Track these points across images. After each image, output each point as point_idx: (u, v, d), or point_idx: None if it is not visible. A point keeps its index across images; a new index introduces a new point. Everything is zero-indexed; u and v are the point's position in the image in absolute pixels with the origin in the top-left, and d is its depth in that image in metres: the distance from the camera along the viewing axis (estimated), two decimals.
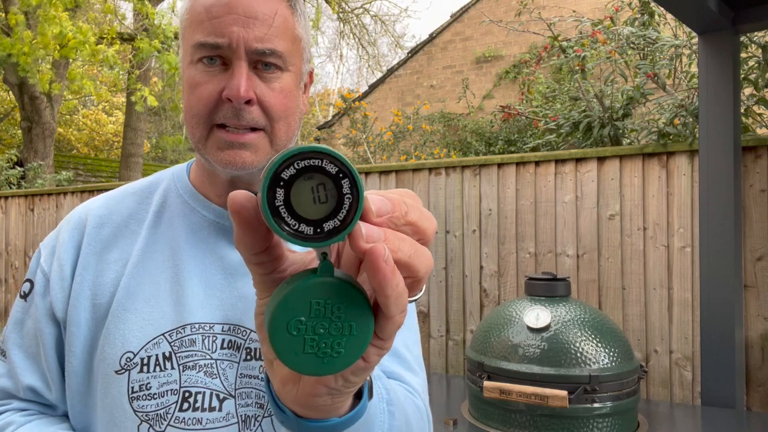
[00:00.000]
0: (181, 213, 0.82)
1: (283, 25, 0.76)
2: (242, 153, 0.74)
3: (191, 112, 0.76)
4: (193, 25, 0.75)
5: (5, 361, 0.82)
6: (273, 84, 0.76)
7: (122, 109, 15.24)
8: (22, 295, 0.83)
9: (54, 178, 7.28)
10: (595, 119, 3.57)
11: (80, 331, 0.77)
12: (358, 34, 12.49)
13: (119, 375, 0.74)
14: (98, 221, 0.84)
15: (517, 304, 2.21)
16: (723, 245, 2.49)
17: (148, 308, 0.76)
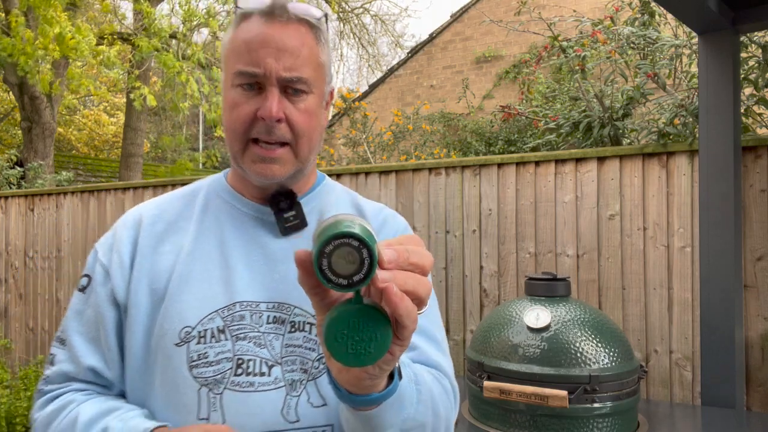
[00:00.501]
0: (224, 210, 0.97)
1: (308, 55, 0.90)
2: (272, 166, 0.90)
3: (231, 128, 0.90)
4: (235, 55, 0.90)
5: (65, 348, 0.94)
6: (299, 105, 0.90)
7: (123, 110, 15.25)
8: (80, 289, 0.96)
9: (54, 178, 7.28)
10: (595, 119, 3.57)
11: (140, 312, 0.90)
12: (358, 34, 12.49)
13: (179, 347, 0.86)
14: (152, 220, 0.96)
15: (517, 304, 2.21)
16: (723, 245, 2.49)
17: (202, 289, 0.89)
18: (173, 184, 4.50)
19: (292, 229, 0.95)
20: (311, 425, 0.85)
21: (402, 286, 0.56)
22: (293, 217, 0.95)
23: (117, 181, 9.37)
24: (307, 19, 0.92)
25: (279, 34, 0.89)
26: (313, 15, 0.92)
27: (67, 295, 5.01)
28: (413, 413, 0.76)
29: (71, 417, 0.86)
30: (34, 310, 5.21)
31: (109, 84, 14.29)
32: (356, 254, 0.54)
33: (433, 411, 0.83)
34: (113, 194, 4.81)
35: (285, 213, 0.95)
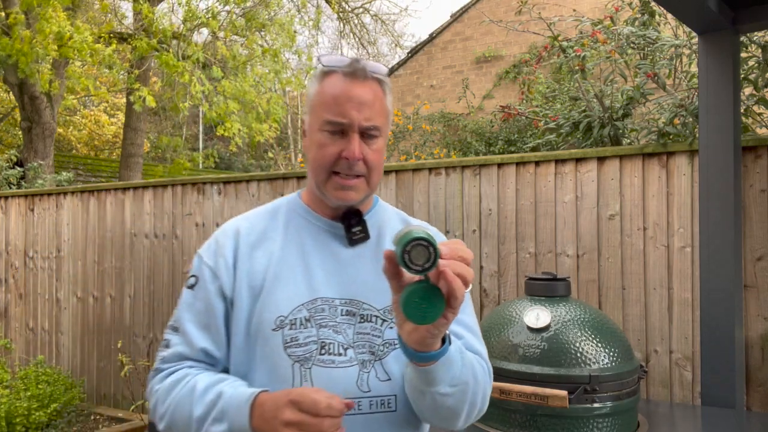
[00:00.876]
0: (303, 225, 1.21)
1: (380, 105, 1.15)
2: (350, 193, 1.14)
3: (319, 162, 1.14)
4: (323, 105, 1.13)
5: (178, 334, 1.16)
6: (372, 146, 1.15)
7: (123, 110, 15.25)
8: (189, 287, 1.18)
9: (54, 179, 7.28)
10: (595, 119, 3.56)
11: (242, 304, 1.13)
12: (358, 34, 12.49)
13: (275, 332, 1.10)
14: (247, 231, 1.20)
15: (517, 304, 2.21)
16: (723, 245, 2.49)
17: (290, 287, 1.13)
18: (173, 184, 4.50)
19: (358, 241, 1.19)
20: (379, 394, 1.10)
21: (454, 270, 0.87)
22: (359, 231, 1.20)
23: (117, 181, 9.37)
24: (379, 76, 1.16)
25: (359, 91, 1.12)
26: (382, 72, 1.17)
27: (66, 295, 5.01)
28: (458, 374, 1.02)
29: (190, 385, 1.09)
30: (34, 310, 5.21)
31: (108, 84, 14.28)
32: (426, 250, 0.84)
33: (473, 376, 1.08)
34: (113, 194, 4.81)
35: (353, 228, 1.19)
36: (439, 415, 1.08)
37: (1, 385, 4.43)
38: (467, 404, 1.08)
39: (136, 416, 4.40)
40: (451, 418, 1.09)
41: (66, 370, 4.94)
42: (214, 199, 4.29)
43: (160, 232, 4.54)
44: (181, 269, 4.42)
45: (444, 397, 1.03)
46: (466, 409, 1.08)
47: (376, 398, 1.10)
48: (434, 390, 1.01)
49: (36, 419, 4.17)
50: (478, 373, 1.11)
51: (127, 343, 4.62)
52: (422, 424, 1.17)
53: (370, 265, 1.17)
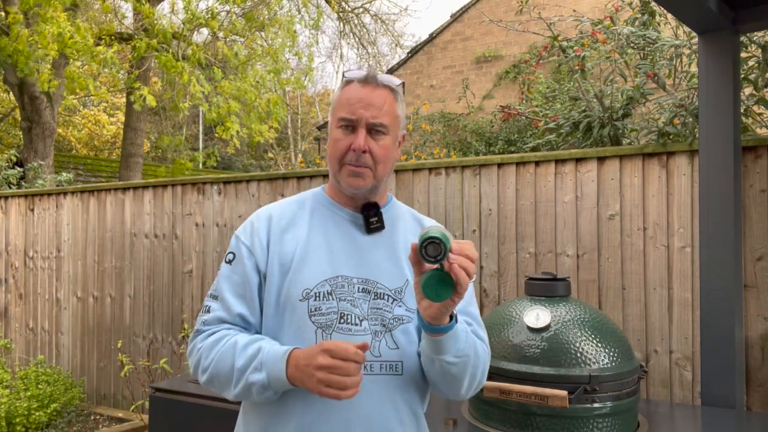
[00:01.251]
0: (327, 214, 1.40)
1: (388, 109, 1.34)
2: (359, 180, 1.33)
3: (332, 154, 1.35)
4: (340, 107, 1.34)
5: (218, 302, 1.34)
6: (379, 142, 1.33)
7: (123, 110, 15.24)
8: (228, 261, 1.37)
9: (54, 179, 7.27)
10: (595, 119, 3.56)
11: (274, 278, 1.32)
12: (358, 34, 12.48)
13: (301, 302, 1.29)
14: (278, 217, 1.39)
15: (517, 304, 2.21)
16: (723, 245, 2.49)
17: (315, 265, 1.32)
18: (173, 184, 4.50)
19: (375, 230, 1.38)
20: (388, 360, 1.30)
21: (460, 264, 1.09)
22: (376, 221, 1.38)
23: (117, 181, 9.36)
24: (390, 85, 1.36)
25: (369, 94, 1.33)
26: (393, 82, 1.37)
27: (66, 295, 5.01)
28: (463, 347, 1.24)
29: (231, 342, 1.27)
30: (34, 310, 5.21)
31: (108, 84, 14.28)
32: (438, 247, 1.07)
33: (475, 352, 1.28)
34: (113, 194, 4.81)
35: (371, 218, 1.38)
36: (445, 381, 1.28)
37: (1, 385, 4.43)
38: (468, 374, 1.28)
39: (136, 416, 4.40)
40: (455, 386, 1.29)
41: (66, 370, 4.94)
42: (214, 199, 4.29)
43: (160, 232, 4.54)
44: (181, 269, 4.42)
45: (449, 365, 1.24)
46: (468, 379, 1.29)
47: (386, 362, 1.30)
48: (442, 358, 1.23)
49: (36, 419, 4.18)
50: (479, 351, 1.30)
51: (127, 343, 4.62)
52: (425, 389, 1.37)
53: (384, 251, 1.36)
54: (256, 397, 1.24)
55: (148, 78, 10.56)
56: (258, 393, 1.23)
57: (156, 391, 2.70)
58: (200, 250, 4.33)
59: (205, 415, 2.53)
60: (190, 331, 4.19)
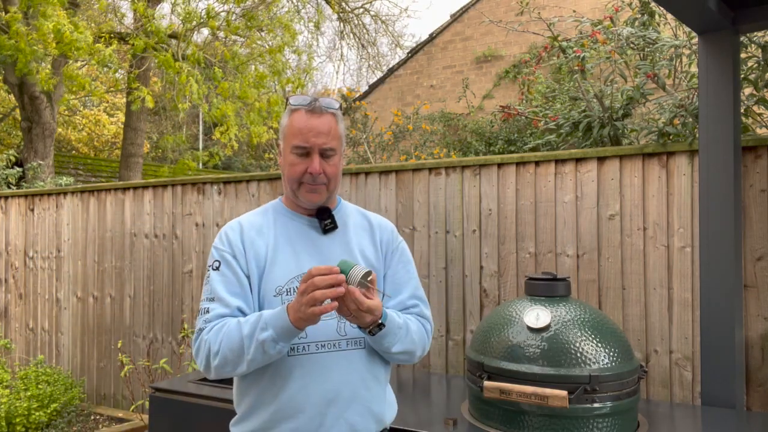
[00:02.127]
0: (288, 222, 1.63)
1: (335, 132, 1.57)
2: (316, 195, 1.57)
3: (291, 177, 1.57)
4: (292, 134, 1.56)
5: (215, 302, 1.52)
6: (330, 162, 1.57)
7: (123, 110, 15.23)
8: (215, 269, 1.56)
9: (54, 181, 7.27)
10: (595, 119, 3.56)
11: (254, 278, 1.55)
12: (358, 34, 12.48)
13: (275, 298, 1.53)
14: (248, 227, 1.61)
15: (517, 304, 2.21)
16: (723, 245, 2.49)
17: (284, 265, 1.56)
18: (173, 184, 4.50)
19: (330, 230, 1.62)
20: (353, 337, 1.55)
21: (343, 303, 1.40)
22: (330, 222, 1.61)
23: (117, 181, 9.36)
24: (331, 110, 1.57)
25: (317, 123, 1.54)
26: (334, 107, 1.58)
27: (66, 294, 5.01)
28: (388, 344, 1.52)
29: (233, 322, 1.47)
30: (34, 310, 5.21)
31: (108, 84, 14.27)
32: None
33: (411, 341, 1.58)
34: (113, 194, 4.81)
35: (325, 220, 1.61)
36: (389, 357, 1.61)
37: (1, 385, 4.43)
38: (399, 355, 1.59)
39: (136, 416, 4.40)
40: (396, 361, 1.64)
41: (66, 370, 4.94)
42: (214, 199, 4.29)
43: (160, 232, 4.54)
44: (181, 269, 4.42)
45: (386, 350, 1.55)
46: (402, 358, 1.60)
47: (351, 339, 1.55)
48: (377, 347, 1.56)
49: (36, 419, 4.18)
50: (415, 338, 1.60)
51: (127, 343, 4.62)
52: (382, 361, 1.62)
53: (339, 247, 1.60)
54: (270, 352, 1.42)
55: (147, 78, 10.56)
56: (270, 347, 1.41)
57: (156, 391, 2.70)
58: (200, 250, 4.33)
59: (205, 415, 2.53)
60: (190, 331, 4.20)
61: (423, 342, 1.63)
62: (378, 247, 1.66)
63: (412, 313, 1.65)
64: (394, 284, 1.66)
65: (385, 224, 1.73)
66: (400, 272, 1.68)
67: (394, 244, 1.69)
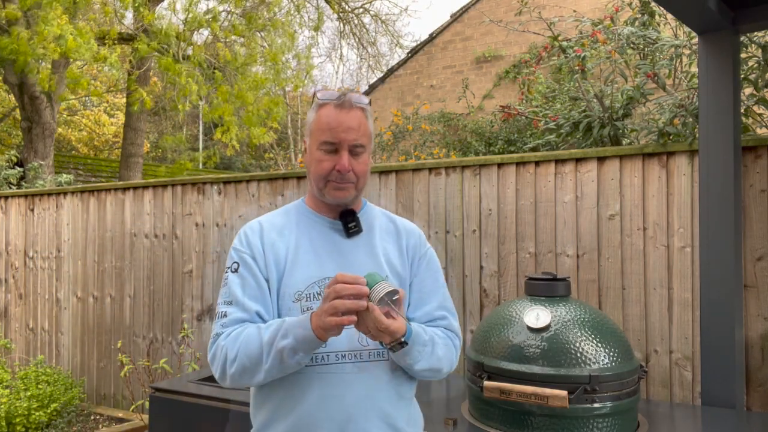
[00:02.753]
0: (311, 223, 1.55)
1: (364, 128, 1.49)
2: (344, 193, 1.49)
3: (318, 174, 1.48)
4: (320, 130, 1.47)
5: (233, 305, 1.45)
6: (359, 159, 1.48)
7: (123, 110, 15.22)
8: (234, 271, 1.49)
9: (54, 180, 7.27)
10: (595, 119, 3.56)
11: (272, 281, 1.47)
12: (359, 34, 12.48)
13: (295, 303, 1.45)
14: (268, 228, 1.54)
15: (517, 304, 2.21)
16: (723, 245, 2.49)
17: (305, 269, 1.47)
18: (173, 184, 4.50)
19: (354, 234, 1.53)
20: (375, 348, 1.44)
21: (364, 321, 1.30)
22: (354, 226, 1.52)
23: (117, 181, 9.36)
24: (362, 106, 1.50)
25: (347, 118, 1.46)
26: (364, 102, 1.51)
27: (66, 294, 5.01)
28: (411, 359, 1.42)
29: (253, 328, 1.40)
30: (34, 310, 5.21)
31: (108, 84, 14.27)
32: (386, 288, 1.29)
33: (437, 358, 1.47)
34: (113, 194, 4.81)
35: (350, 223, 1.52)
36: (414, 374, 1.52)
37: (1, 385, 4.43)
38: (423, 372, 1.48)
39: (136, 416, 4.40)
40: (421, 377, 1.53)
41: (66, 370, 4.94)
42: (214, 199, 4.29)
43: (160, 232, 4.54)
44: (181, 269, 4.42)
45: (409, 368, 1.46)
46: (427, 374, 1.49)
47: (373, 350, 1.45)
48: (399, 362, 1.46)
49: (36, 419, 4.18)
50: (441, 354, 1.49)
51: (127, 343, 4.62)
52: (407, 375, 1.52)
53: (364, 252, 1.52)
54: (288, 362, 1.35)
55: (148, 78, 10.56)
56: (289, 357, 1.34)
57: (156, 391, 2.70)
58: (200, 250, 4.33)
59: (205, 415, 2.53)
60: (190, 331, 4.20)
61: (450, 358, 1.52)
62: (404, 252, 1.56)
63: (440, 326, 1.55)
64: (421, 293, 1.56)
65: (413, 229, 1.63)
66: (427, 281, 1.58)
67: (421, 251, 1.59)
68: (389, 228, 1.59)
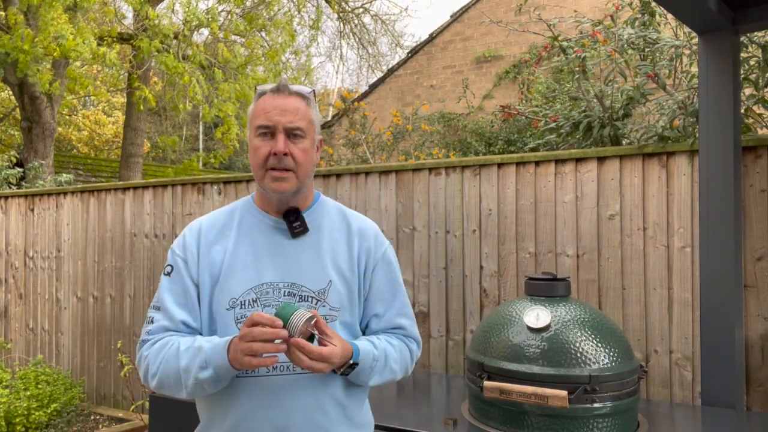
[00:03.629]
0: (254, 222, 1.47)
1: (303, 112, 1.41)
2: (282, 184, 1.39)
3: (255, 162, 1.40)
4: (256, 115, 1.41)
5: (161, 312, 1.41)
6: (298, 145, 1.40)
7: (122, 110, 15.23)
8: (167, 274, 1.44)
9: (54, 180, 7.27)
10: (595, 119, 3.56)
11: (205, 288, 1.41)
12: (359, 34, 12.48)
13: (228, 311, 1.38)
14: (207, 229, 1.47)
15: (517, 304, 2.21)
16: (723, 245, 2.49)
17: (242, 274, 1.40)
18: (173, 184, 4.50)
19: (299, 234, 1.44)
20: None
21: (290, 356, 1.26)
22: (299, 225, 1.44)
23: (117, 181, 9.36)
24: (302, 93, 1.43)
25: (282, 101, 1.40)
26: (304, 91, 1.44)
27: (66, 295, 5.00)
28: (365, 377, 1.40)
29: (174, 346, 1.35)
30: (34, 310, 5.21)
31: (108, 84, 14.27)
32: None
33: (391, 370, 1.45)
34: (113, 194, 4.81)
35: (294, 223, 1.43)
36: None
37: (1, 385, 4.43)
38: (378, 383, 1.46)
39: (136, 416, 4.40)
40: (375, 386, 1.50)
41: (66, 370, 4.94)
42: (214, 199, 4.29)
43: (160, 232, 4.54)
44: None
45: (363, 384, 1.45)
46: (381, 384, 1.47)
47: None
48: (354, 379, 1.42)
49: (36, 419, 4.17)
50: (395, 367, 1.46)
51: (127, 343, 4.62)
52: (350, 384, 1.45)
53: (308, 254, 1.44)
54: (210, 390, 1.33)
55: (148, 78, 10.56)
56: (212, 387, 1.32)
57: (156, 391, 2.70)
58: None
59: None
60: None
61: (405, 366, 1.50)
62: (354, 256, 1.46)
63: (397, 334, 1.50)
64: (380, 301, 1.48)
65: (367, 229, 1.52)
66: (384, 288, 1.49)
67: (377, 254, 1.49)
68: (341, 227, 1.49)
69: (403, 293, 1.54)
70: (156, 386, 1.37)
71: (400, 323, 1.50)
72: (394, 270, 1.53)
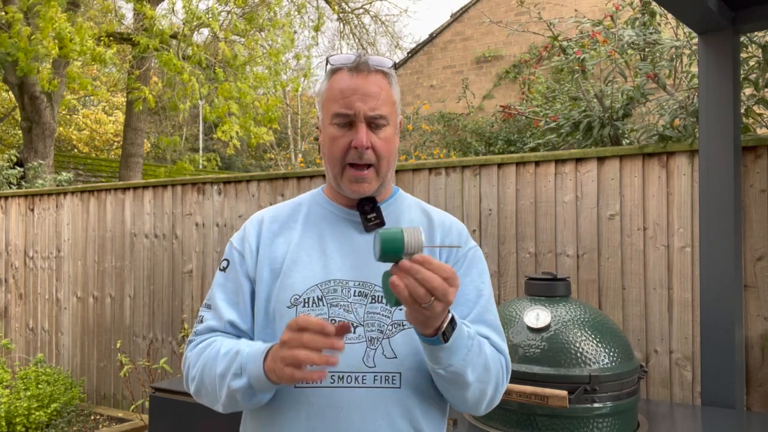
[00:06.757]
0: (322, 214, 1.31)
1: (385, 96, 1.22)
2: (363, 185, 1.23)
3: (331, 155, 1.23)
4: (331, 100, 1.22)
5: (211, 311, 1.28)
6: (380, 135, 1.21)
7: (122, 109, 15.23)
8: (222, 269, 1.31)
9: (54, 179, 7.27)
10: (595, 119, 3.56)
11: (263, 284, 1.24)
12: (358, 35, 12.48)
13: (290, 309, 1.20)
14: (270, 221, 1.31)
15: (517, 304, 2.21)
16: (723, 245, 2.49)
17: (306, 270, 1.23)
18: (173, 184, 4.50)
19: (373, 227, 1.26)
20: (384, 371, 1.16)
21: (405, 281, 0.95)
22: (374, 218, 1.27)
23: (117, 181, 9.36)
24: (383, 69, 1.24)
25: (363, 83, 1.20)
26: (386, 65, 1.25)
27: (66, 295, 5.01)
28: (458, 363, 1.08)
29: (215, 349, 1.19)
30: (34, 310, 5.21)
31: (109, 84, 14.27)
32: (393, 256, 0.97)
33: (484, 366, 1.14)
34: (113, 194, 4.81)
35: (368, 215, 1.27)
36: (448, 393, 1.17)
37: (1, 385, 4.43)
38: (471, 390, 1.14)
39: (136, 416, 4.40)
40: (459, 399, 1.18)
41: (66, 370, 4.94)
42: (214, 199, 4.29)
43: (160, 232, 4.54)
44: (181, 269, 4.42)
45: (439, 378, 1.13)
46: (470, 396, 1.15)
47: (381, 374, 1.16)
48: (433, 367, 1.11)
49: (36, 419, 4.18)
50: (490, 365, 1.16)
51: (127, 343, 4.62)
52: (434, 403, 1.22)
53: None
54: (243, 404, 1.15)
55: (147, 78, 10.56)
56: (245, 399, 1.13)
57: (156, 391, 2.70)
58: (200, 250, 4.33)
59: (205, 415, 2.53)
60: (190, 330, 4.19)
61: (497, 372, 1.18)
62: (435, 253, 1.26)
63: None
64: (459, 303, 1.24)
65: (450, 224, 1.34)
66: (467, 288, 1.26)
67: (461, 251, 1.29)
68: (421, 222, 1.32)
69: (488, 298, 1.28)
70: (194, 393, 1.23)
71: (485, 332, 1.22)
72: (480, 269, 1.30)
